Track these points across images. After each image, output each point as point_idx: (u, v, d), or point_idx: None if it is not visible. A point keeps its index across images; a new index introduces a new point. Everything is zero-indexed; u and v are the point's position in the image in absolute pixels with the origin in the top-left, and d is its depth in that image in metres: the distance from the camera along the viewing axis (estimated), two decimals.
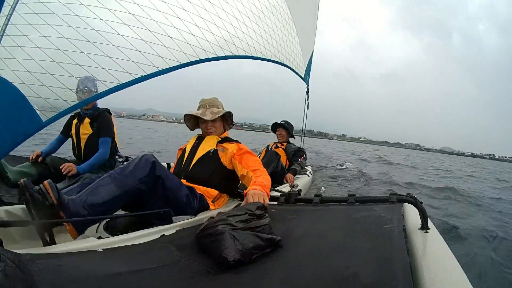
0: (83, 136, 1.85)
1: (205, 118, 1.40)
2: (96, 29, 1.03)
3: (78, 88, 1.14)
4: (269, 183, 1.20)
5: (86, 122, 1.86)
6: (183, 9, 1.29)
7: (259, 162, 1.35)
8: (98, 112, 1.89)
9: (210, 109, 1.43)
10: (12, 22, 0.97)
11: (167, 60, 1.18)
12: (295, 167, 2.70)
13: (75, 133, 1.87)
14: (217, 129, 1.45)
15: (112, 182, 0.95)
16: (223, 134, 1.49)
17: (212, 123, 1.43)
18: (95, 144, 1.84)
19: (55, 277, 0.54)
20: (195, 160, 1.35)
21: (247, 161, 1.31)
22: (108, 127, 1.88)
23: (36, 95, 0.93)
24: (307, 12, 3.36)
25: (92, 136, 1.85)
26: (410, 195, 0.97)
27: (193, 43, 1.32)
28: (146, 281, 0.60)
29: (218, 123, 1.45)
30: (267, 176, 1.25)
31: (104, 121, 1.88)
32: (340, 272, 0.61)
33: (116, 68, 1.04)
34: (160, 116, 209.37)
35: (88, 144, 1.85)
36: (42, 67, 0.97)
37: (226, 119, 1.50)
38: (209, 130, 1.44)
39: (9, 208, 1.04)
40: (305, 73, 3.78)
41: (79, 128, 1.86)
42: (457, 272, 0.61)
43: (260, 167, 1.29)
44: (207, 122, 1.43)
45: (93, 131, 1.85)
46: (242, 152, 1.34)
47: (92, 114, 1.87)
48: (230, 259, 0.67)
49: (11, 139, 0.86)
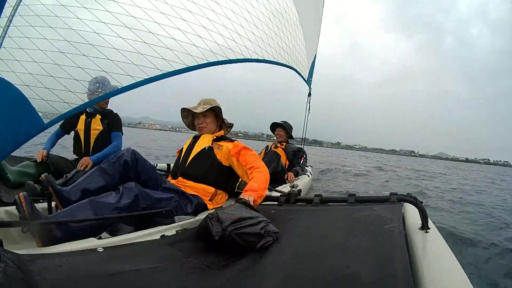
0: (94, 131, 1.87)
1: (195, 111, 1.44)
2: (97, 32, 1.03)
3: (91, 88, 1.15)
4: (262, 182, 1.20)
5: (98, 118, 1.89)
6: (188, 10, 1.28)
7: (256, 156, 1.34)
8: (108, 111, 1.95)
9: (204, 105, 1.46)
10: (14, 24, 0.98)
11: (172, 62, 1.18)
12: (297, 169, 2.70)
13: (84, 129, 1.88)
14: (208, 125, 1.47)
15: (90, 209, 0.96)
16: (218, 133, 1.50)
17: (203, 118, 1.46)
18: (105, 140, 1.87)
19: (55, 277, 0.54)
20: (191, 157, 1.36)
21: (244, 157, 1.32)
22: (119, 123, 1.96)
23: (38, 97, 0.93)
24: (312, 14, 3.37)
25: (103, 132, 1.88)
26: (410, 195, 0.97)
27: (200, 46, 1.31)
28: (146, 281, 0.60)
29: (209, 119, 1.47)
30: (262, 172, 1.24)
31: (115, 118, 1.95)
32: (341, 271, 0.61)
33: (118, 71, 1.05)
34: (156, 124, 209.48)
35: (98, 139, 1.87)
36: (44, 69, 0.98)
37: (217, 117, 1.51)
38: (200, 125, 1.46)
39: (9, 208, 1.04)
40: (308, 76, 3.78)
41: (90, 123, 1.88)
42: (457, 272, 0.60)
43: (255, 164, 1.29)
44: (199, 117, 1.46)
45: (103, 127, 1.88)
46: (238, 149, 1.35)
47: (103, 112, 1.92)
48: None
49: (13, 140, 0.87)
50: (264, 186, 1.19)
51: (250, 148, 1.38)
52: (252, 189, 1.12)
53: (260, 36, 1.77)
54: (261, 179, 1.20)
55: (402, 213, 0.93)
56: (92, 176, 1.10)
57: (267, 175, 1.25)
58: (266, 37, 1.85)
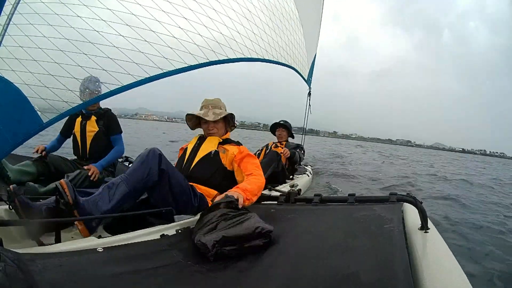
0: (90, 133, 1.86)
1: (207, 119, 1.40)
2: (97, 30, 1.03)
3: (82, 89, 1.14)
4: (255, 186, 1.18)
5: (93, 119, 1.87)
6: (189, 9, 1.28)
7: (257, 165, 1.34)
8: (103, 111, 1.92)
9: (212, 109, 1.43)
10: (13, 22, 0.98)
11: (172, 61, 1.17)
12: (294, 151, 2.73)
13: (80, 131, 1.87)
14: (219, 130, 1.45)
15: (123, 182, 0.99)
16: (224, 135, 1.49)
17: (214, 124, 1.43)
18: (101, 142, 1.85)
19: (55, 277, 0.54)
20: (196, 160, 1.35)
21: (246, 165, 1.32)
22: (117, 124, 1.93)
23: (37, 95, 0.93)
24: (313, 14, 3.35)
25: (98, 133, 1.86)
26: (410, 195, 0.97)
27: (201, 44, 1.30)
28: (146, 280, 0.60)
29: (220, 124, 1.45)
30: (257, 180, 1.24)
31: (113, 119, 1.92)
32: (340, 271, 0.61)
33: (118, 70, 1.04)
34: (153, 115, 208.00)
35: (94, 141, 1.86)
36: (44, 68, 0.97)
37: (228, 121, 1.50)
38: (211, 131, 1.44)
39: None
40: (308, 75, 3.77)
41: (85, 125, 1.86)
42: (457, 272, 0.60)
43: (254, 172, 1.29)
44: (209, 123, 1.42)
45: (99, 128, 1.86)
46: (242, 156, 1.35)
47: (98, 113, 1.90)
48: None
49: (12, 140, 0.86)
50: (256, 192, 1.16)
51: (255, 156, 1.38)
52: (243, 188, 1.10)
53: (260, 35, 1.76)
54: (255, 184, 1.19)
55: (401, 213, 0.93)
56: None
57: (262, 184, 1.24)
58: (266, 36, 1.84)
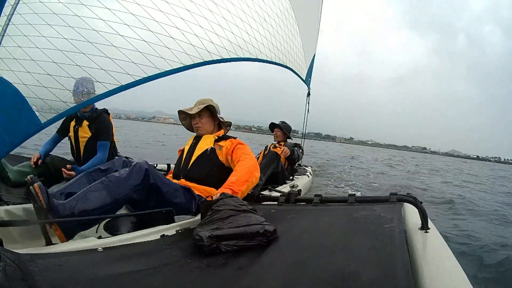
0: (82, 139, 1.81)
1: (190, 112, 1.43)
2: (96, 30, 1.02)
3: (76, 90, 1.12)
4: (241, 173, 1.17)
5: (85, 125, 1.81)
6: (186, 9, 1.28)
7: (244, 151, 1.33)
8: (97, 113, 1.84)
9: (199, 105, 1.45)
10: (13, 22, 0.97)
11: (170, 61, 1.17)
12: (293, 149, 2.72)
13: (73, 136, 1.84)
14: (204, 125, 1.45)
15: (104, 189, 0.94)
16: (218, 132, 1.49)
17: (199, 118, 1.44)
18: (94, 147, 1.81)
19: (55, 277, 0.54)
20: (193, 159, 1.35)
21: (236, 152, 1.32)
22: (106, 130, 1.84)
23: (36, 96, 0.93)
24: (310, 14, 3.36)
25: (91, 139, 1.81)
26: (410, 195, 0.97)
27: (197, 45, 1.31)
28: (146, 280, 0.60)
29: (205, 119, 1.45)
30: (243, 164, 1.22)
31: (103, 124, 1.83)
32: (341, 271, 0.61)
33: (116, 70, 1.04)
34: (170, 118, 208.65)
35: (87, 147, 1.82)
36: (42, 68, 0.97)
37: (214, 116, 1.49)
38: (196, 125, 1.45)
39: (9, 208, 1.04)
40: (307, 75, 3.78)
41: (78, 131, 1.82)
42: (457, 272, 0.60)
43: (241, 157, 1.28)
44: (195, 117, 1.45)
45: (92, 133, 1.81)
46: (233, 145, 1.35)
47: (90, 116, 1.82)
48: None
49: (10, 140, 0.86)
50: (246, 178, 1.14)
51: (246, 145, 1.38)
52: (229, 183, 1.10)
53: (254, 35, 1.77)
54: (241, 171, 1.17)
55: (402, 213, 0.93)
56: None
57: (251, 166, 1.21)
58: (260, 36, 1.85)
